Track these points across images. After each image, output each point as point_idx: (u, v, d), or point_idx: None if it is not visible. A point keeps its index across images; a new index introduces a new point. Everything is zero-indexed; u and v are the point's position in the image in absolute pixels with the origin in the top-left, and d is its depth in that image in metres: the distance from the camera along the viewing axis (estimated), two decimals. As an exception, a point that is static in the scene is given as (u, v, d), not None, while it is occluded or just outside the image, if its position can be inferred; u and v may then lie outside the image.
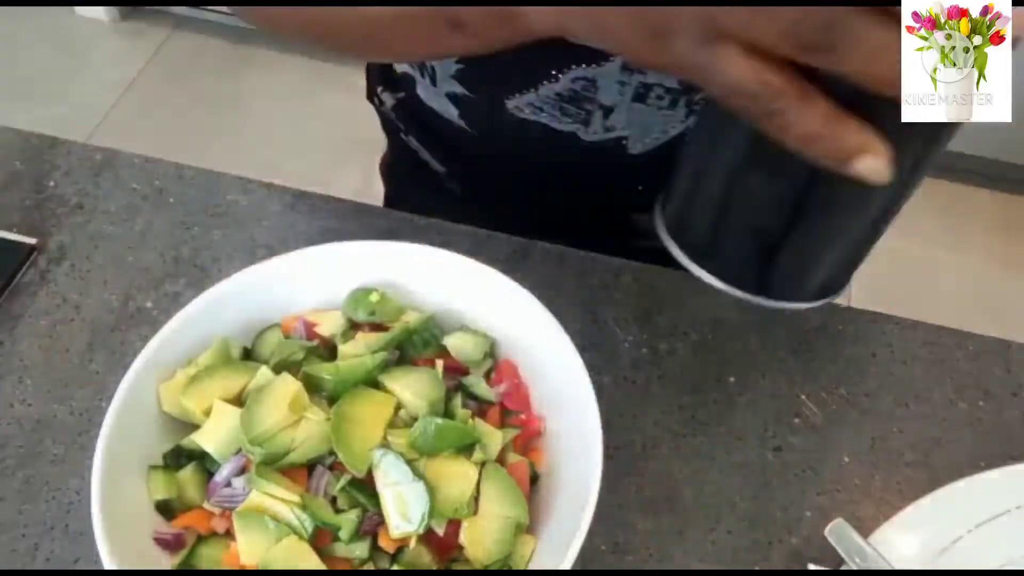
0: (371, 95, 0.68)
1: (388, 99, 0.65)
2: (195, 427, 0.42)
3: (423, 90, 0.59)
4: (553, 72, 0.49)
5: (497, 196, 0.61)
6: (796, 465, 0.48)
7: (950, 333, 0.53)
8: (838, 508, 0.46)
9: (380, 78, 0.66)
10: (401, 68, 0.61)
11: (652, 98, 0.50)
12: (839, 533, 0.43)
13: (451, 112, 0.57)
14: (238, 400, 0.42)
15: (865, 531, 0.43)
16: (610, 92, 0.50)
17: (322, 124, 1.73)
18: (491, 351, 0.46)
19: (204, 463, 0.42)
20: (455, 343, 0.45)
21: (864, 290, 1.53)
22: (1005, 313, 1.50)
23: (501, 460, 0.42)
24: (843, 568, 0.42)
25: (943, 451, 0.48)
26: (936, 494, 0.45)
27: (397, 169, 0.73)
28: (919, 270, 1.57)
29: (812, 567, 0.43)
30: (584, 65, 0.48)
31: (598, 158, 0.54)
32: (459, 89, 0.54)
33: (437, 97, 0.57)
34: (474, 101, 0.55)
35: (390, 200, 0.76)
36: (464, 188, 0.64)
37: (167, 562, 0.40)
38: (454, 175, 0.65)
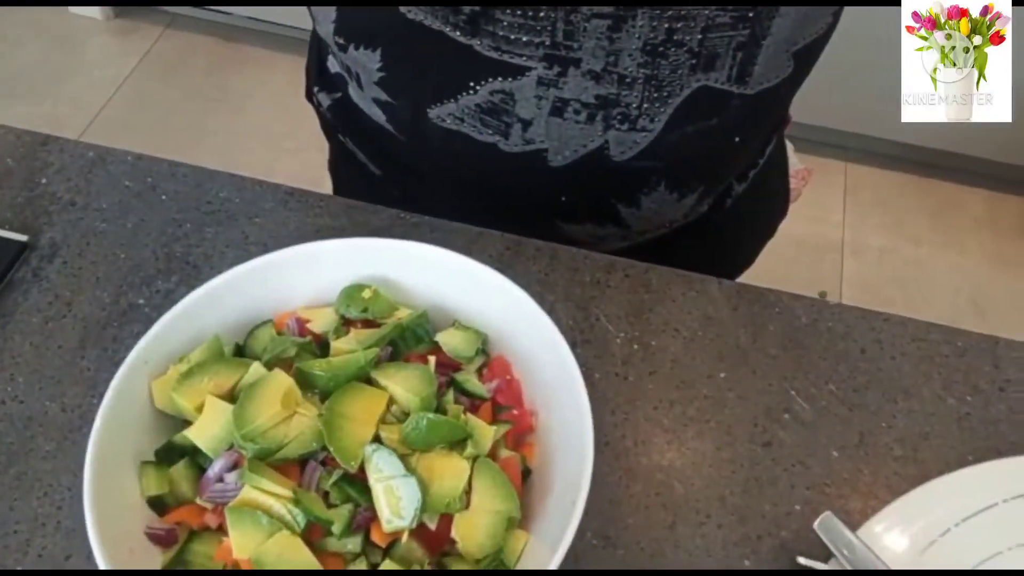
0: (309, 95, 0.68)
1: (324, 99, 0.65)
2: (187, 423, 0.42)
3: (353, 92, 0.59)
4: (471, 84, 0.50)
5: (430, 200, 0.61)
6: (786, 460, 0.48)
7: (939, 329, 0.54)
8: (827, 502, 0.46)
9: (316, 78, 0.65)
10: (334, 68, 0.61)
11: (569, 112, 0.50)
12: (828, 527, 0.43)
13: (379, 116, 0.57)
14: (230, 396, 0.42)
15: (854, 525, 0.44)
16: (528, 106, 0.50)
17: (314, 122, 1.72)
18: (483, 347, 0.46)
19: (196, 459, 0.42)
20: (447, 339, 0.45)
21: (855, 288, 1.54)
22: (994, 310, 1.51)
23: (493, 455, 0.42)
24: (831, 560, 0.43)
25: (931, 446, 0.49)
26: (924, 488, 0.45)
27: (339, 169, 0.73)
28: (910, 268, 1.57)
29: (801, 560, 0.44)
30: (500, 79, 0.49)
31: (520, 168, 0.54)
32: (383, 96, 0.54)
33: (365, 101, 0.57)
34: (398, 108, 0.55)
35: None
36: (398, 190, 0.64)
37: (159, 557, 0.40)
38: (388, 178, 0.65)
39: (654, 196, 0.58)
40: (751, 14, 0.44)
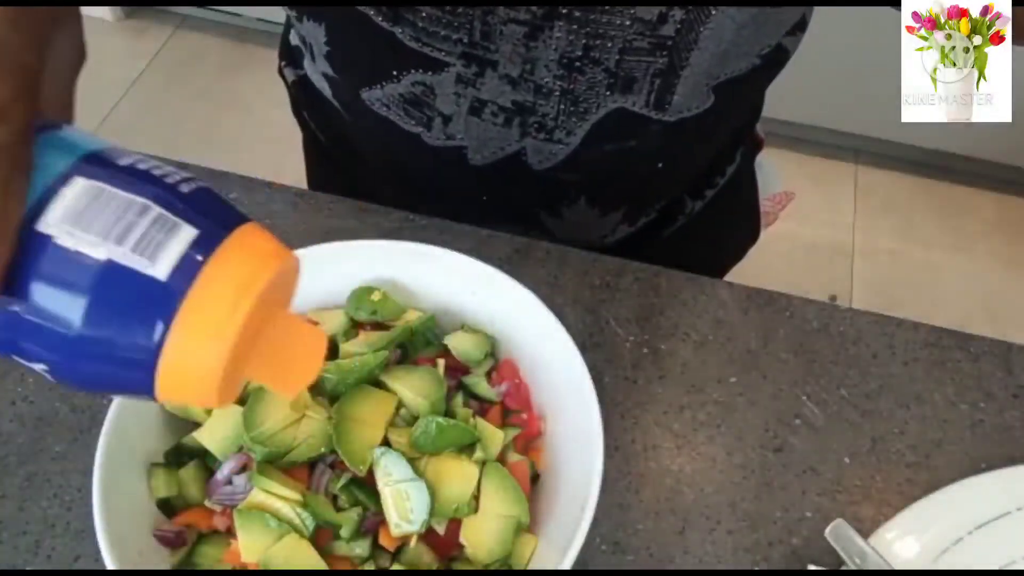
0: (280, 70, 0.69)
1: (290, 74, 0.65)
2: (196, 425, 0.42)
3: (308, 66, 0.60)
4: (394, 73, 0.50)
5: (373, 183, 0.62)
6: (797, 466, 0.48)
7: (951, 335, 0.53)
8: (838, 509, 0.46)
9: (283, 52, 0.66)
10: (294, 40, 0.61)
11: (487, 114, 0.50)
12: (839, 534, 0.43)
13: (327, 91, 0.58)
14: (240, 398, 0.42)
15: (865, 532, 0.43)
16: (447, 102, 0.50)
17: (324, 124, 1.73)
18: (492, 350, 0.46)
19: (205, 461, 0.42)
20: (456, 342, 0.45)
21: (866, 292, 1.54)
22: (1006, 315, 1.50)
23: (502, 459, 0.42)
24: (843, 569, 0.42)
25: (944, 452, 0.48)
26: (936, 495, 0.45)
27: (307, 150, 0.74)
28: (921, 272, 1.56)
29: (812, 568, 0.44)
30: (421, 71, 0.49)
31: (443, 162, 0.54)
32: (329, 70, 0.55)
33: (316, 75, 0.58)
34: (340, 85, 0.56)
35: (309, 180, 0.76)
36: (348, 172, 0.65)
37: (168, 559, 0.40)
38: (339, 158, 0.65)
39: (575, 209, 0.58)
40: (669, 43, 0.45)
